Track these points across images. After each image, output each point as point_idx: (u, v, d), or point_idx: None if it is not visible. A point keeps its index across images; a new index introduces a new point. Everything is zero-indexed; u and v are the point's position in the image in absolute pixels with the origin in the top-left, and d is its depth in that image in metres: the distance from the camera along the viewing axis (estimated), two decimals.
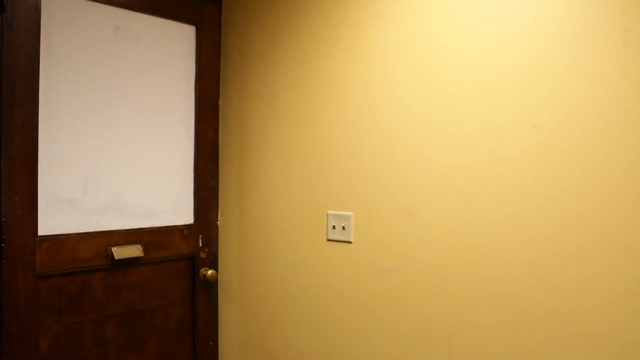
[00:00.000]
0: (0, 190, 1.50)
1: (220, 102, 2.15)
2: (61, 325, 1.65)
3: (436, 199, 1.61)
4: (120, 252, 1.74)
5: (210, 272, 1.96)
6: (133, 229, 1.81)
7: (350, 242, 1.80)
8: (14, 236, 1.54)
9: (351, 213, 1.79)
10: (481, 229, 1.53)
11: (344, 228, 1.80)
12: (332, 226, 1.83)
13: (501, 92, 1.49)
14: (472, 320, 1.55)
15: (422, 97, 1.64)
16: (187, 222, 1.97)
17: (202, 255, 1.99)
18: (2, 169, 1.50)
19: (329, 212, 1.84)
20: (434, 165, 1.61)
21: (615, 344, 1.34)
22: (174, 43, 1.94)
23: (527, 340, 1.46)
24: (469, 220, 1.55)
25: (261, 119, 2.03)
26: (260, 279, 2.03)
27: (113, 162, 1.80)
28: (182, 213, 1.97)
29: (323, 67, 1.87)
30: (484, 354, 1.53)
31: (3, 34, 1.48)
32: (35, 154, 1.61)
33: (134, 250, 1.78)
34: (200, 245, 1.99)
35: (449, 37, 1.58)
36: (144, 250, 1.81)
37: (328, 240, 1.84)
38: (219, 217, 2.12)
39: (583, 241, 1.38)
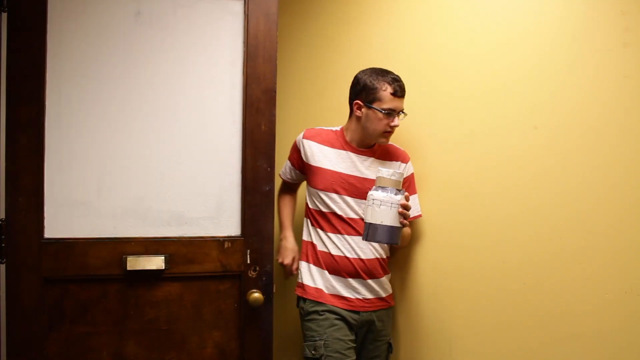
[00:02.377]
0: (4, 191, 1.50)
1: None
2: (72, 333, 1.58)
3: (436, 199, 1.61)
4: (134, 263, 1.57)
5: (253, 295, 1.61)
6: (156, 238, 1.61)
7: None
8: (16, 237, 1.52)
9: None
10: (481, 229, 1.53)
11: None
12: None
13: (501, 92, 1.49)
14: (472, 320, 1.55)
15: (421, 97, 1.64)
16: (231, 234, 1.67)
17: (251, 274, 1.66)
18: (5, 169, 1.49)
19: None
20: (433, 165, 1.62)
21: (615, 344, 1.34)
22: (212, 23, 1.69)
23: (527, 340, 1.46)
24: (469, 220, 1.55)
25: None
26: None
27: (135, 160, 1.63)
28: (224, 222, 1.67)
29: (325, 65, 1.87)
30: (483, 354, 1.53)
31: (5, 30, 1.47)
32: (41, 153, 1.57)
33: (153, 262, 1.58)
34: (249, 262, 1.66)
35: (449, 37, 1.58)
36: (169, 262, 1.60)
37: None
38: None
39: (583, 241, 1.38)
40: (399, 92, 1.48)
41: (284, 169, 1.70)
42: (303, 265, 1.60)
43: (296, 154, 1.63)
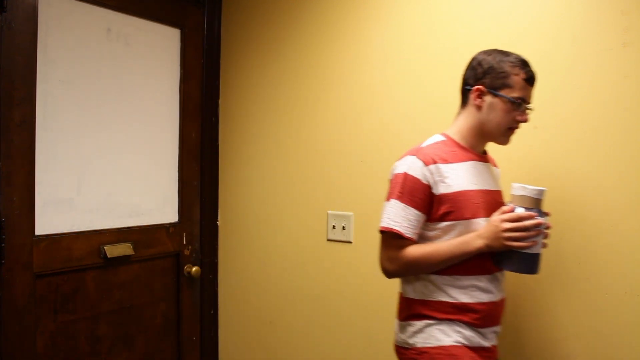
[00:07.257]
0: (0, 190, 1.49)
1: (220, 102, 2.15)
2: (56, 324, 1.64)
3: None
4: (112, 251, 1.75)
5: (194, 268, 1.98)
6: (123, 228, 1.82)
7: (350, 242, 1.80)
8: (13, 236, 1.53)
9: (351, 213, 1.78)
10: None
11: (344, 228, 1.80)
12: (332, 226, 1.83)
13: None
14: None
15: (421, 98, 1.64)
16: (172, 221, 1.99)
17: (186, 252, 2.01)
18: (1, 169, 1.49)
19: (329, 212, 1.83)
20: None
21: (615, 344, 1.34)
22: (161, 45, 1.95)
23: (527, 340, 1.45)
24: None
25: (260, 120, 2.02)
26: (260, 279, 2.03)
27: (105, 161, 1.79)
28: (167, 211, 1.98)
29: (322, 68, 1.86)
30: None
31: (2, 34, 1.48)
32: (32, 153, 1.59)
33: (125, 249, 1.80)
34: (184, 242, 2.00)
35: (449, 37, 1.58)
36: (134, 248, 1.82)
37: (328, 240, 1.84)
38: (218, 217, 2.12)
39: (583, 241, 1.38)
40: (532, 79, 1.20)
41: (408, 223, 1.18)
42: None
43: (419, 192, 1.17)
